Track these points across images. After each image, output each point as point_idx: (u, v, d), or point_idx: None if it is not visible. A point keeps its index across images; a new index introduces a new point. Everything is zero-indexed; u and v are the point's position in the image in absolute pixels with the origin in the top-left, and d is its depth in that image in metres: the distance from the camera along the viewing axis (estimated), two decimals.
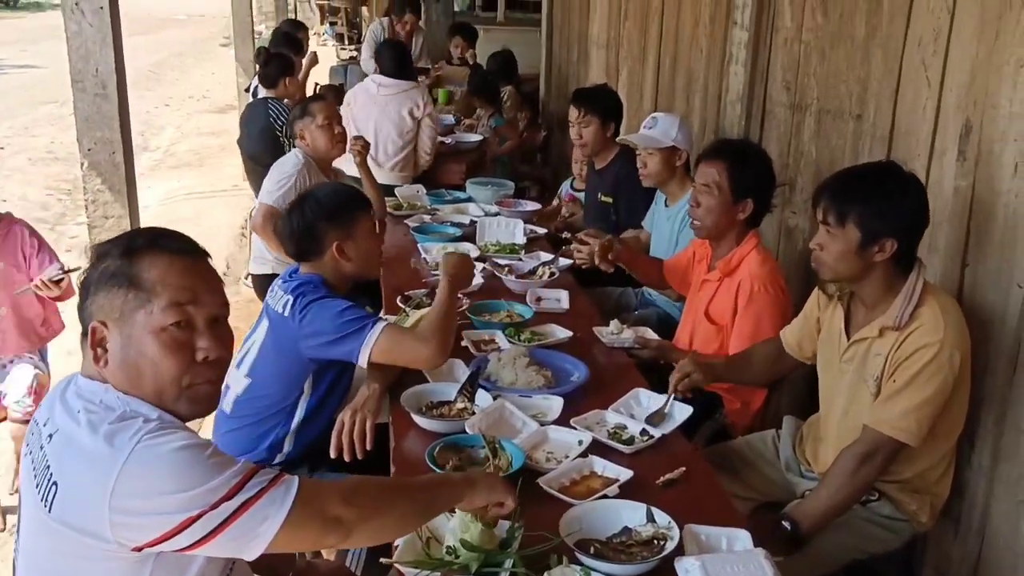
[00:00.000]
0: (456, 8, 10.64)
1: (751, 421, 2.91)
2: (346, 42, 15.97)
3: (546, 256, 3.63)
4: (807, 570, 2.21)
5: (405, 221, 4.22)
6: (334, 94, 5.80)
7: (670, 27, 4.49)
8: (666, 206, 3.67)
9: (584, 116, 4.05)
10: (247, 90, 6.70)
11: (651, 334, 2.96)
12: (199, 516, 1.34)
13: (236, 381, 2.56)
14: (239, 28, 8.07)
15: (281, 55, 5.83)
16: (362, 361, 2.38)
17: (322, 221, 2.57)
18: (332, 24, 18.37)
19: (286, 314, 2.45)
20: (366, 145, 4.22)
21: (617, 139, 3.95)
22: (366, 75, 6.46)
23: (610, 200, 4.07)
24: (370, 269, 2.72)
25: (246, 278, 5.56)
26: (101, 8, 3.14)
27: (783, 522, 2.20)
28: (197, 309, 1.50)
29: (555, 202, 4.90)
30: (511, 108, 6.55)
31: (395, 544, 1.80)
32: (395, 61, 5.30)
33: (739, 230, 2.91)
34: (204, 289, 1.53)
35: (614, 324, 2.95)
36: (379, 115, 5.17)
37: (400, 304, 3.07)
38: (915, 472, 2.25)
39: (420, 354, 2.41)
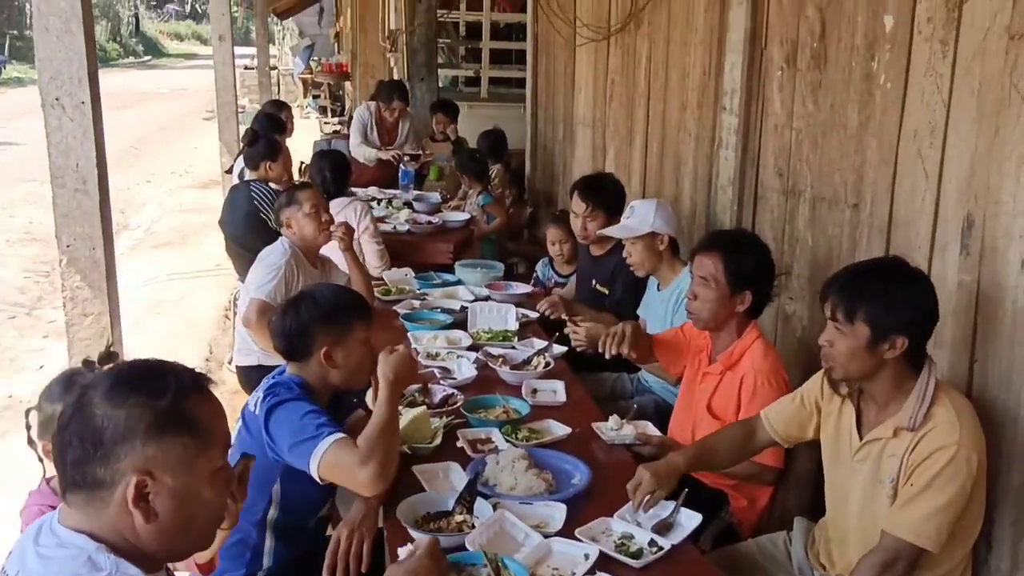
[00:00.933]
0: (440, 85, 10.75)
1: (757, 519, 2.82)
2: (329, 115, 16.14)
3: (540, 343, 3.56)
4: None
5: (394, 307, 4.15)
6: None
7: (657, 111, 4.51)
8: (658, 290, 3.63)
9: (592, 210, 3.97)
10: (229, 171, 6.68)
11: (652, 429, 2.88)
12: None
13: None
14: (223, 107, 8.09)
15: (268, 138, 5.81)
16: (314, 474, 2.23)
17: (315, 323, 2.48)
18: (315, 97, 18.60)
19: (256, 411, 2.36)
20: (350, 230, 4.16)
21: (598, 232, 3.92)
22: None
23: (606, 290, 4.02)
24: (358, 381, 2.58)
25: (229, 362, 5.45)
26: (82, 103, 3.08)
27: None
28: None
29: (534, 285, 4.80)
30: (499, 186, 6.55)
31: None
32: (331, 177, 5.00)
33: (739, 321, 2.86)
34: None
35: (613, 420, 2.87)
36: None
37: None
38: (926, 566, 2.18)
39: (356, 478, 2.18)
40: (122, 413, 1.31)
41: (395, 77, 8.54)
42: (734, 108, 3.54)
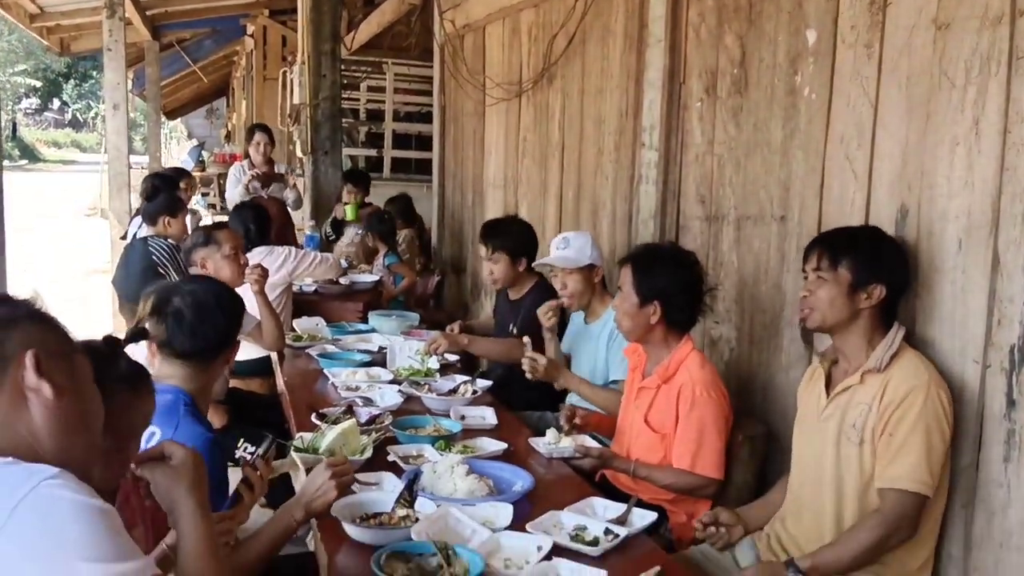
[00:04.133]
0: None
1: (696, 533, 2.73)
2: (219, 211, 15.77)
3: (463, 377, 3.44)
4: None
5: (307, 352, 3.97)
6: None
7: (571, 160, 4.56)
8: (586, 323, 3.58)
9: (492, 253, 3.94)
10: (123, 237, 6.39)
11: (591, 441, 2.79)
12: None
13: None
14: (115, 177, 7.78)
15: (168, 193, 5.60)
16: None
17: (234, 321, 2.41)
18: (204, 195, 18.17)
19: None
20: (264, 273, 4.01)
21: (534, 263, 3.88)
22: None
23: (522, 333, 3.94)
24: (221, 387, 2.59)
25: None
26: None
27: (789, 570, 2.11)
28: None
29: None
30: (407, 250, 6.47)
31: None
32: (254, 227, 4.86)
33: (667, 334, 2.83)
34: None
35: (551, 434, 2.77)
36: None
37: (316, 421, 2.79)
38: (895, 555, 2.15)
39: None
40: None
41: (297, 153, 8.43)
42: (654, 143, 3.60)
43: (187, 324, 2.29)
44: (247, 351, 4.45)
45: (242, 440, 2.62)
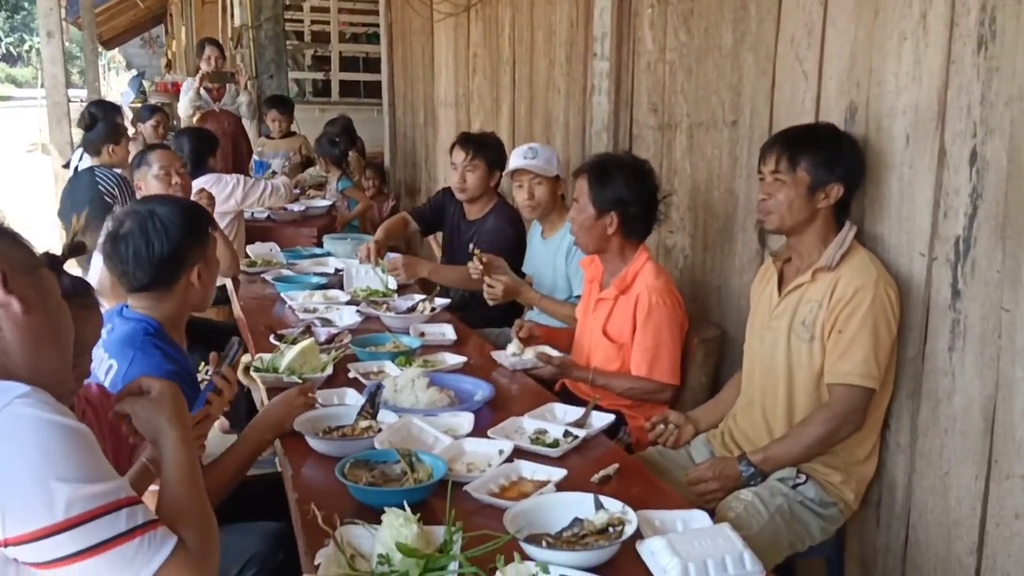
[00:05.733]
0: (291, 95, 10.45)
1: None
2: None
3: (420, 296, 3.43)
4: None
5: (262, 276, 3.93)
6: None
7: (523, 74, 4.50)
8: (543, 237, 3.58)
9: (472, 160, 3.81)
10: (66, 166, 6.21)
11: (552, 351, 2.81)
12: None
13: None
14: (54, 107, 7.53)
15: (108, 119, 5.44)
16: None
17: (186, 239, 2.21)
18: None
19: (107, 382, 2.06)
20: (211, 198, 3.92)
21: (507, 167, 3.74)
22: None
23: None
24: (207, 300, 2.36)
25: None
26: None
27: (741, 464, 2.21)
28: None
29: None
30: (356, 171, 6.39)
31: (316, 562, 1.53)
32: (188, 151, 4.77)
33: (623, 245, 2.83)
34: None
35: (513, 345, 2.79)
36: None
37: (274, 342, 2.78)
38: (842, 445, 2.22)
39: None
40: None
41: (244, 72, 8.22)
42: (605, 53, 3.56)
43: (131, 256, 2.17)
44: None
45: (202, 363, 2.63)
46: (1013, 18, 1.90)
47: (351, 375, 2.56)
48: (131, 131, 7.43)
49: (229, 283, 4.02)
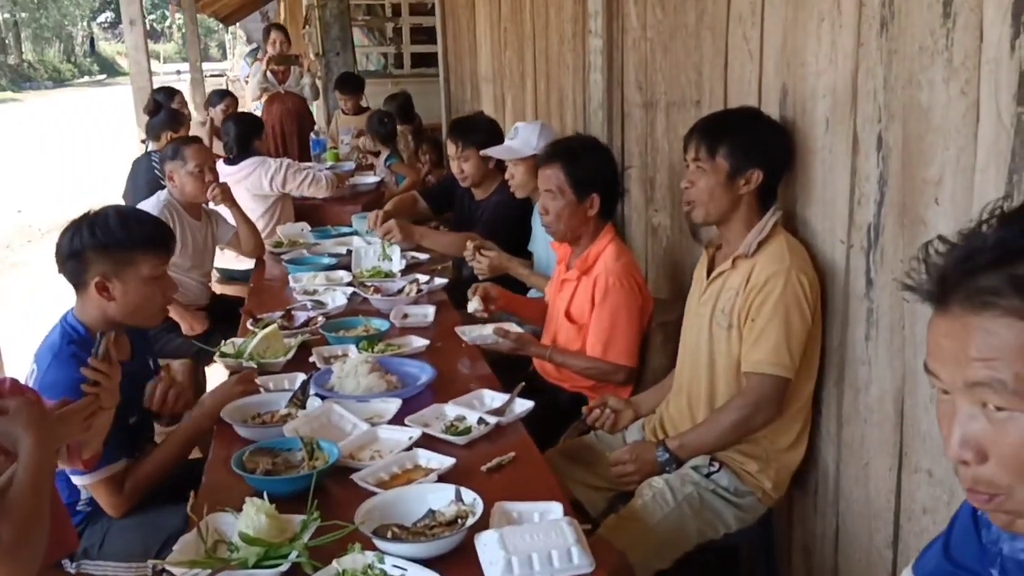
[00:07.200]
0: (372, 68, 10.68)
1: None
2: None
3: (423, 278, 3.52)
4: (653, 555, 2.11)
5: (281, 256, 4.11)
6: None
7: (541, 49, 4.51)
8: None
9: (462, 151, 3.91)
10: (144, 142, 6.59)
11: (514, 327, 2.87)
12: None
13: None
14: (138, 92, 7.95)
15: (170, 109, 5.75)
16: None
17: (89, 249, 2.19)
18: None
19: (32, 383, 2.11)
20: (225, 187, 4.08)
21: (480, 152, 3.86)
22: None
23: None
24: (143, 319, 2.32)
25: None
26: None
27: (658, 450, 2.23)
28: None
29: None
30: (406, 148, 6.52)
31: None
32: (234, 136, 4.96)
33: (593, 225, 2.86)
34: None
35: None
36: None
37: (249, 327, 2.94)
38: (763, 433, 2.20)
39: None
40: None
41: (311, 55, 8.46)
42: (598, 30, 3.54)
43: (56, 248, 2.25)
44: (231, 260, 4.66)
45: (223, 340, 2.81)
46: None
47: (312, 359, 2.69)
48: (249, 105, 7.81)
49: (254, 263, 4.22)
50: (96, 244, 2.18)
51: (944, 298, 0.88)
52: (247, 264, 4.45)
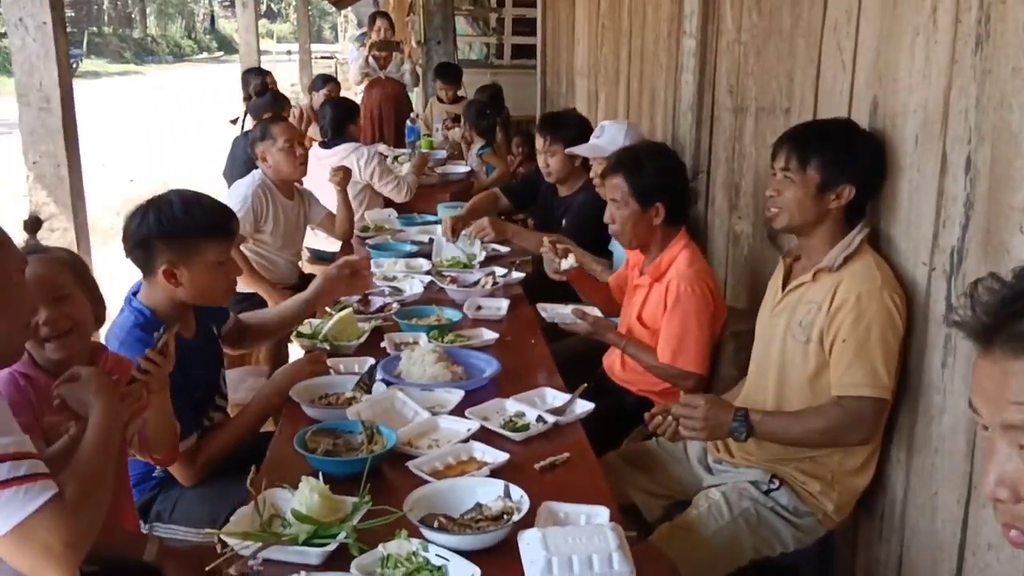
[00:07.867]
0: (474, 57, 10.77)
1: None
2: None
3: (500, 271, 3.54)
4: (705, 568, 2.09)
5: (367, 241, 4.20)
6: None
7: (636, 47, 4.47)
8: None
9: (550, 145, 3.92)
10: (233, 121, 6.80)
11: (594, 311, 2.87)
12: None
13: None
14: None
15: (276, 92, 5.91)
16: None
17: (155, 237, 2.22)
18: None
19: None
20: (347, 173, 4.22)
21: (566, 151, 3.86)
22: None
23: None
24: (212, 300, 2.37)
25: None
26: (44, 23, 3.18)
27: (737, 413, 2.11)
28: None
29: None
30: (503, 139, 6.56)
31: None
32: (329, 121, 5.06)
33: (662, 233, 2.83)
34: None
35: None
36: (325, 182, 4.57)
37: (327, 309, 3.01)
38: (829, 453, 2.15)
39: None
40: None
41: (412, 42, 8.59)
42: (693, 31, 3.50)
43: (123, 234, 2.28)
44: (322, 241, 4.78)
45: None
46: (1002, 18, 1.75)
47: (383, 344, 2.75)
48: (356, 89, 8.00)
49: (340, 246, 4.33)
50: (162, 232, 2.21)
51: (987, 338, 0.85)
52: (338, 245, 4.56)
